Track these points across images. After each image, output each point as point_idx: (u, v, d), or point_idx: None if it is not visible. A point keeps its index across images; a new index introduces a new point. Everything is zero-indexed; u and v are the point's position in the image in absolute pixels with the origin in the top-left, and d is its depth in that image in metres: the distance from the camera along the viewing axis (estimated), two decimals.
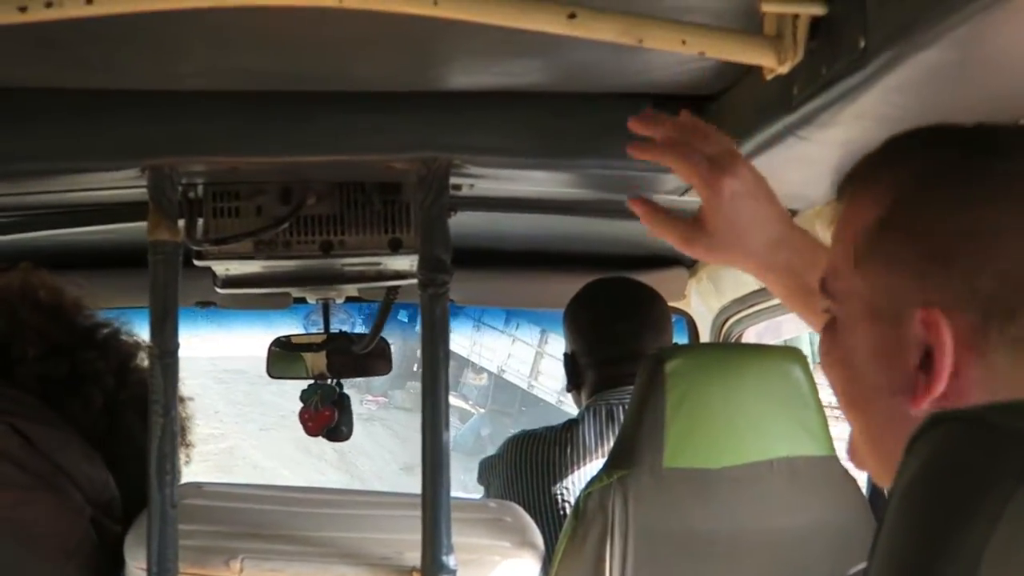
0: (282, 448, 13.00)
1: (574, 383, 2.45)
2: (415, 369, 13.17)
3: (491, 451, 2.33)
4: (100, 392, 1.85)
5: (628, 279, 2.54)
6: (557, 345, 12.92)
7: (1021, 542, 0.63)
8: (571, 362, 2.44)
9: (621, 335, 2.28)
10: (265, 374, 2.76)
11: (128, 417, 1.86)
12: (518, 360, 13.51)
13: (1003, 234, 0.89)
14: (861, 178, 1.02)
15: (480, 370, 13.74)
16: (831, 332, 1.01)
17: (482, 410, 14.18)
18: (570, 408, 2.43)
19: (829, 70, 1.24)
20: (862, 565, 0.97)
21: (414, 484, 1.72)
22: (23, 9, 1.14)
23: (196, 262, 1.81)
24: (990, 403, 0.68)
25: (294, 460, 13.03)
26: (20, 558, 1.63)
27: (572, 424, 2.35)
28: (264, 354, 2.75)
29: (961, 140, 0.98)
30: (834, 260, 1.02)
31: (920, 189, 0.95)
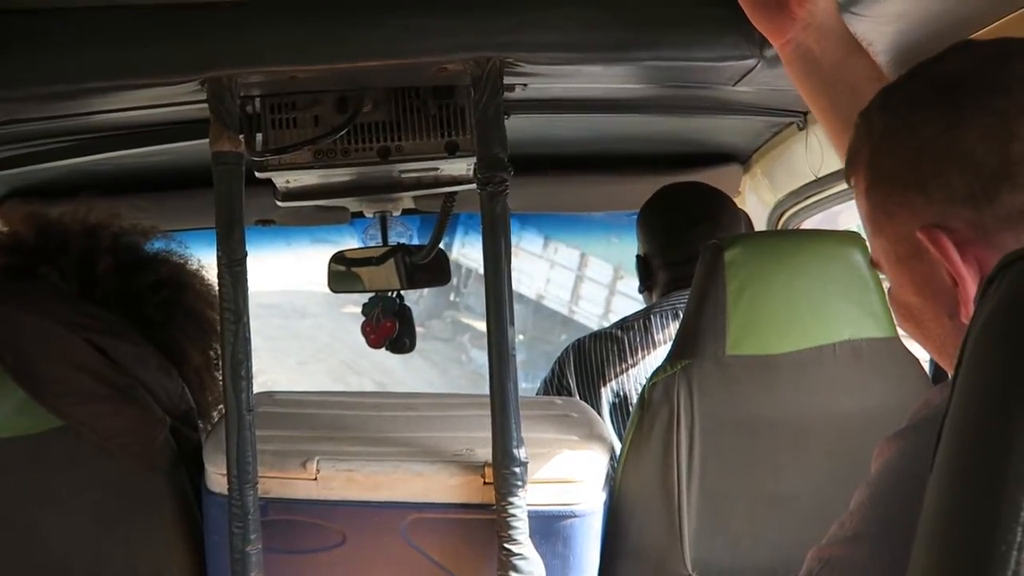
0: (321, 382, 12.96)
1: (646, 284, 2.49)
2: (451, 298, 13.08)
3: (530, 378, 2.34)
4: (163, 301, 1.91)
5: (701, 184, 2.56)
6: (598, 269, 12.41)
7: None
8: (643, 264, 2.48)
9: (693, 239, 2.29)
10: (299, 308, 2.78)
11: (191, 324, 1.92)
12: (557, 285, 13.27)
13: (946, 133, 0.97)
14: (849, 164, 1.11)
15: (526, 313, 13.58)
16: (891, 298, 1.12)
17: (521, 336, 14.02)
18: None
19: None
20: (930, 406, 1.00)
21: None
22: None
23: (258, 174, 1.83)
24: None
25: None
26: (105, 468, 1.69)
27: (635, 319, 2.37)
28: (298, 287, 2.76)
29: (889, 91, 1.08)
30: (867, 236, 1.12)
31: (879, 140, 1.05)
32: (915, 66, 1.07)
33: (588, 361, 2.36)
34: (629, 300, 11.59)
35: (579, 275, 13.28)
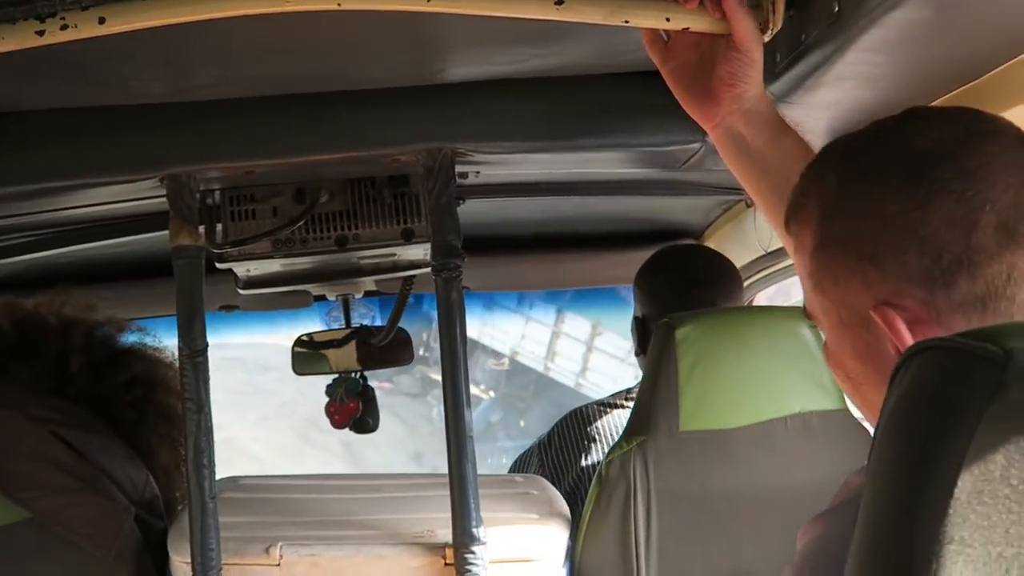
0: (282, 438, 12.32)
1: (643, 347, 2.39)
2: (421, 353, 12.61)
3: (501, 437, 2.33)
4: (136, 399, 1.93)
5: (704, 247, 2.55)
6: (574, 324, 11.94)
7: (993, 457, 0.68)
8: (641, 326, 2.42)
9: (697, 301, 2.27)
10: (263, 362, 2.80)
11: (162, 422, 1.94)
12: (533, 341, 12.79)
13: (912, 213, 0.97)
14: (792, 212, 1.11)
15: (499, 355, 13.03)
16: (827, 352, 1.12)
17: (493, 394, 13.54)
18: (589, 391, 2.46)
19: (808, 36, 1.30)
20: (850, 488, 1.03)
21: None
22: (40, 33, 1.20)
23: (218, 264, 1.87)
24: (963, 331, 0.74)
25: (296, 451, 12.63)
26: (70, 559, 1.70)
27: (630, 392, 2.38)
28: (262, 340, 2.77)
29: (851, 150, 1.07)
30: (804, 288, 1.11)
31: (836, 202, 1.05)
32: (876, 126, 1.07)
33: (586, 429, 2.36)
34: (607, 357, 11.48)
35: (555, 331, 12.89)
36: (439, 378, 2.43)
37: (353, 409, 2.61)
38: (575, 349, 12.24)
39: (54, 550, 1.70)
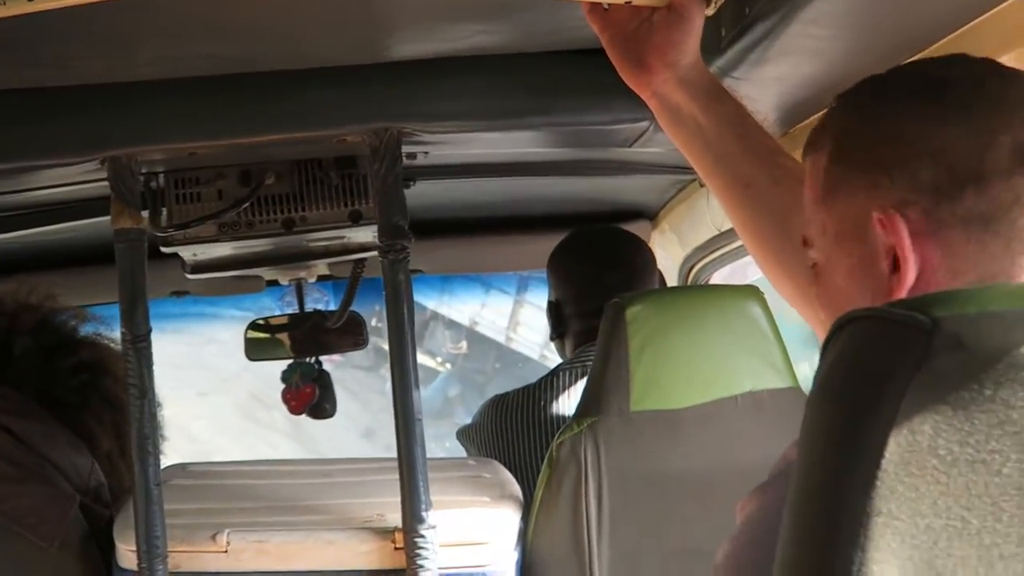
0: (224, 416, 11.83)
1: (558, 332, 2.43)
2: (374, 323, 11.82)
3: (460, 413, 2.31)
4: (81, 385, 1.91)
5: (616, 228, 2.54)
6: (540, 293, 11.56)
7: (920, 427, 0.68)
8: (556, 311, 2.42)
9: (610, 285, 2.25)
10: (206, 333, 2.76)
11: (105, 409, 1.92)
12: (493, 310, 11.65)
13: (927, 125, 0.98)
14: (810, 144, 1.11)
15: (457, 337, 12.23)
16: (817, 279, 1.10)
17: (450, 367, 12.73)
18: (554, 363, 2.43)
19: (751, 8, 1.29)
20: (787, 460, 1.03)
21: (376, 452, 1.73)
22: None
23: (163, 248, 1.84)
24: (892, 300, 0.73)
25: (239, 429, 11.77)
26: (16, 548, 1.68)
27: (551, 379, 2.37)
28: (205, 311, 2.71)
29: (873, 79, 1.08)
30: (807, 213, 1.10)
31: (856, 122, 1.06)
32: (908, 64, 1.09)
33: (508, 417, 2.35)
34: None
35: (518, 300, 11.68)
36: None
37: (309, 395, 2.59)
38: (539, 319, 11.25)
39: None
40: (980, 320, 0.69)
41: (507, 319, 11.61)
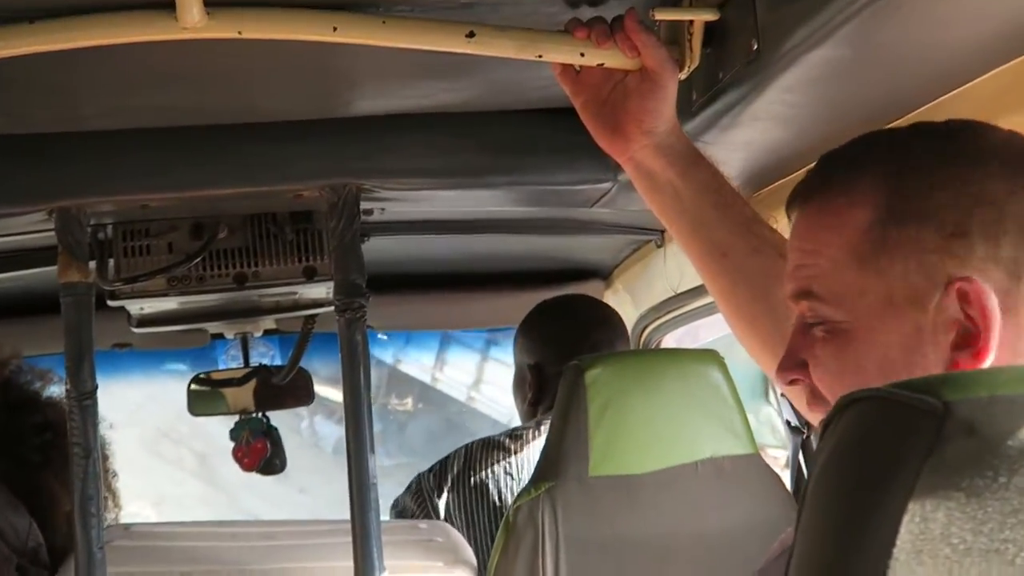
0: (128, 451, 11.37)
1: (537, 396, 2.34)
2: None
3: (379, 454, 2.14)
4: (44, 444, 1.86)
5: (583, 295, 2.55)
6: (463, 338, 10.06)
7: (934, 515, 0.65)
8: (537, 373, 2.34)
9: (598, 342, 2.24)
10: (113, 362, 2.67)
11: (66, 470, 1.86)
12: (417, 347, 10.05)
13: (1009, 195, 0.93)
14: (830, 183, 1.02)
15: (403, 394, 11.50)
16: (833, 342, 1.00)
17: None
18: (482, 407, 2.37)
19: (726, 74, 1.28)
20: (784, 545, 0.99)
21: (290, 494, 1.66)
22: None
23: (110, 302, 1.79)
24: (898, 381, 0.70)
25: (143, 467, 10.40)
26: None
27: (526, 430, 2.29)
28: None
29: (932, 129, 1.01)
30: (819, 266, 1.01)
31: (918, 176, 0.97)
32: (920, 124, 1.03)
33: (472, 467, 2.28)
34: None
35: (446, 336, 9.37)
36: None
37: (262, 450, 2.53)
38: (466, 360, 10.13)
39: None
40: (992, 405, 0.66)
41: (434, 356, 10.29)
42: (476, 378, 10.10)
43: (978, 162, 0.96)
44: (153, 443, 10.73)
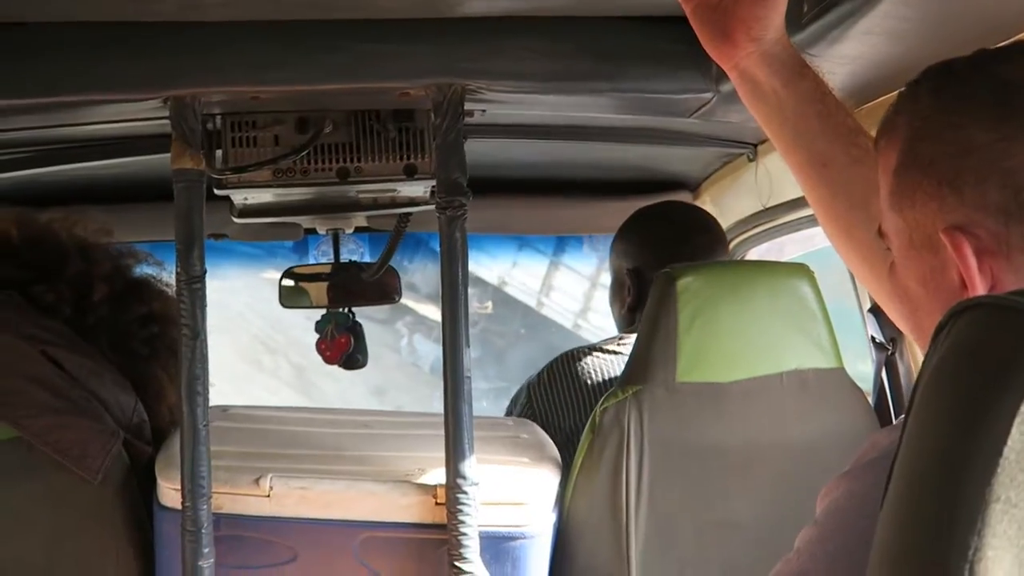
0: (225, 359, 10.86)
1: (638, 301, 2.30)
2: None
3: (476, 378, 2.13)
4: (150, 336, 1.91)
5: (682, 201, 2.58)
6: (576, 256, 9.81)
7: None
8: (638, 277, 2.32)
9: (698, 247, 2.25)
10: (212, 268, 2.73)
11: (173, 361, 1.92)
12: (524, 271, 10.27)
13: (998, 144, 0.97)
14: (884, 129, 1.09)
15: (482, 297, 11.15)
16: (893, 272, 1.09)
17: (472, 329, 11.33)
18: (588, 334, 2.38)
19: None
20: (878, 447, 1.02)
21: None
22: None
23: (216, 191, 1.84)
24: (1012, 290, 0.73)
25: (240, 376, 10.64)
26: (58, 480, 1.69)
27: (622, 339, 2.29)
28: (214, 244, 2.65)
29: (948, 74, 1.05)
30: (882, 205, 1.09)
31: (922, 126, 1.03)
32: (977, 54, 1.05)
33: (581, 374, 2.30)
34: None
35: (553, 262, 10.19)
36: (411, 305, 2.42)
37: (345, 344, 2.58)
38: (576, 285, 10.06)
39: (41, 470, 1.68)
40: None
41: (540, 281, 10.40)
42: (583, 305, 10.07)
43: (971, 107, 1.00)
44: (250, 352, 10.83)
